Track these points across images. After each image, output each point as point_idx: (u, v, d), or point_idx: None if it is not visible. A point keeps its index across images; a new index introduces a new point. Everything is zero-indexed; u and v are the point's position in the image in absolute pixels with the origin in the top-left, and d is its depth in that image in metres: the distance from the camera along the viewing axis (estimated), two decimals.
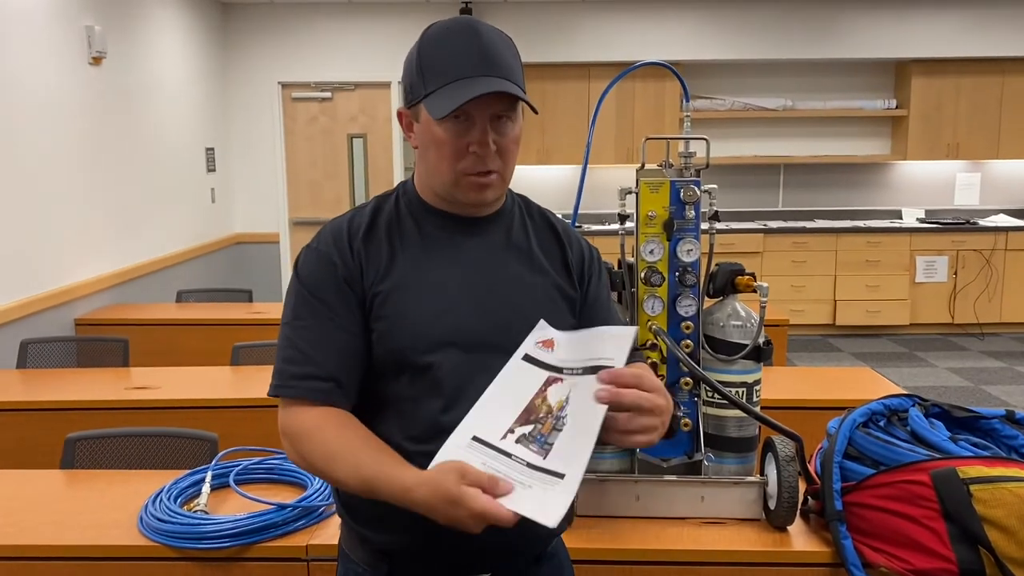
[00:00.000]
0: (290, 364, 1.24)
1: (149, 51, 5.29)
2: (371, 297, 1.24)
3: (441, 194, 1.29)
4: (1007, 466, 1.48)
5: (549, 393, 1.20)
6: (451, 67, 1.21)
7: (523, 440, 1.15)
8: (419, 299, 1.25)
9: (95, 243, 4.57)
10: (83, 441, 2.24)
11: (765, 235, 7.08)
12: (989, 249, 7.04)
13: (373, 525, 1.29)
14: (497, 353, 1.23)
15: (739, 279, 1.75)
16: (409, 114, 1.27)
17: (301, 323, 1.25)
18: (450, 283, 1.27)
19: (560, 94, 7.16)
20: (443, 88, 1.20)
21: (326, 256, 1.26)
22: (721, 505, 1.73)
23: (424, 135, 1.25)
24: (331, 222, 1.31)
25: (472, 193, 1.25)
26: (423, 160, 1.28)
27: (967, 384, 5.82)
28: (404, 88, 1.28)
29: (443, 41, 1.23)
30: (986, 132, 7.19)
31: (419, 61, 1.24)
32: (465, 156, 1.22)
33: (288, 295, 1.30)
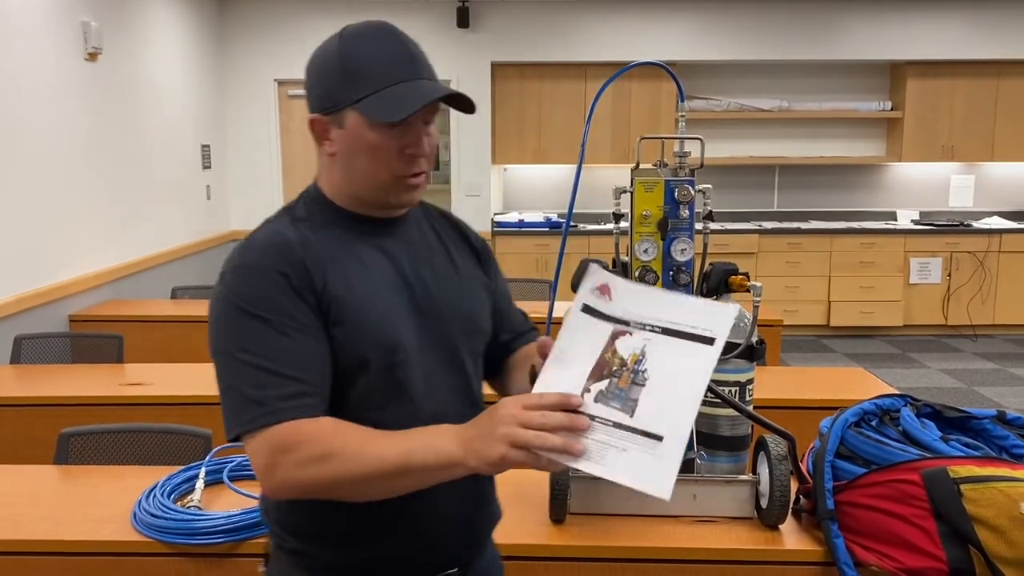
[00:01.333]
0: (267, 388, 1.13)
1: (145, 47, 5.28)
2: (326, 304, 1.19)
3: (368, 199, 1.26)
4: (997, 466, 1.49)
5: (618, 346, 1.10)
6: (385, 71, 1.20)
7: (601, 397, 1.04)
8: (371, 302, 1.23)
9: (90, 239, 4.56)
10: (77, 437, 2.24)
11: (760, 236, 7.10)
12: (983, 251, 7.06)
13: (319, 540, 1.25)
14: (442, 349, 1.28)
15: (733, 279, 1.76)
16: (327, 120, 1.23)
17: (258, 345, 1.14)
18: (391, 284, 1.26)
19: (556, 93, 7.16)
20: (381, 92, 1.19)
21: (269, 271, 1.17)
22: (713, 503, 1.74)
23: (352, 141, 1.22)
24: (255, 240, 1.21)
25: (405, 195, 1.26)
26: (347, 166, 1.24)
27: (960, 385, 5.84)
28: (317, 94, 1.23)
29: (369, 45, 1.21)
30: (981, 134, 7.21)
31: (344, 65, 1.20)
32: (400, 159, 1.23)
33: (223, 321, 1.17)
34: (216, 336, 1.18)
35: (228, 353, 1.16)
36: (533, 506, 1.80)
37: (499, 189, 7.62)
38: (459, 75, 6.99)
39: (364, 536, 1.25)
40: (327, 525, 1.25)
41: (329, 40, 1.25)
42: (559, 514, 1.71)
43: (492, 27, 6.96)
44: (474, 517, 1.33)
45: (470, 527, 1.33)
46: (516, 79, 7.16)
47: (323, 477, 1.10)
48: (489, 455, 1.03)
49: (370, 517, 1.23)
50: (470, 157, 7.09)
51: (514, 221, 7.21)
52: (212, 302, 1.20)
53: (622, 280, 1.16)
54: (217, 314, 1.18)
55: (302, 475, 1.11)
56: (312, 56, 1.26)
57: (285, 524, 1.28)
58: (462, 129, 7.06)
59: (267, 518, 1.31)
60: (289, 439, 1.12)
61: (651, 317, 1.11)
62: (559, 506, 1.70)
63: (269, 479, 1.13)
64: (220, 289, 1.19)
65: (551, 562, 1.65)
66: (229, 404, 1.15)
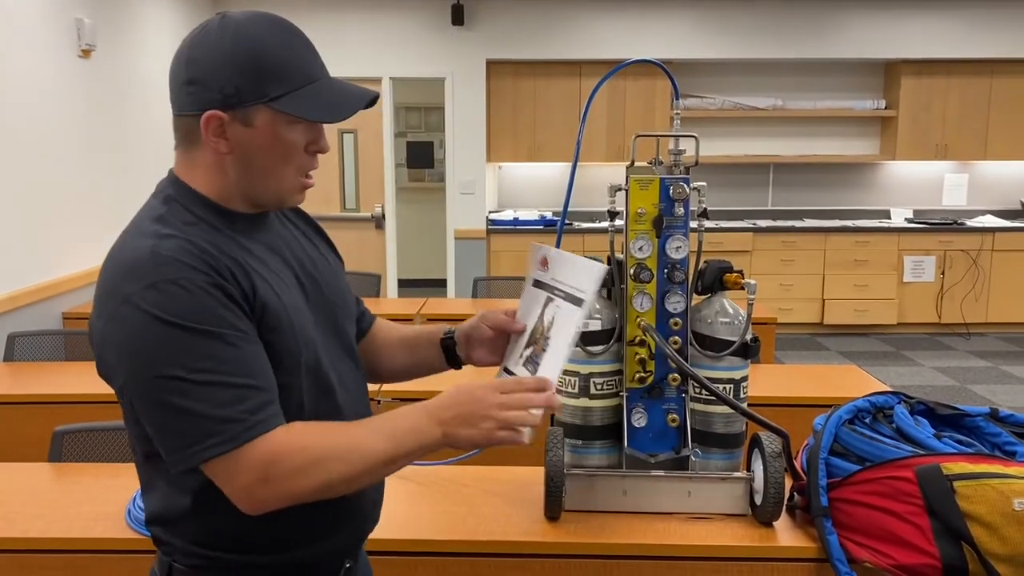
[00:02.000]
0: (236, 404, 1.08)
1: (139, 44, 5.27)
2: (259, 311, 1.15)
3: (262, 198, 1.21)
4: (990, 463, 1.50)
5: (545, 314, 1.33)
6: (299, 69, 1.15)
7: (527, 363, 1.30)
8: (289, 303, 1.20)
9: (84, 236, 4.55)
10: (71, 434, 2.24)
11: (754, 234, 7.11)
12: (976, 249, 7.09)
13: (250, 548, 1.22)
14: (338, 339, 1.30)
15: (727, 276, 1.76)
16: (226, 117, 1.14)
17: (213, 361, 1.08)
18: (289, 281, 1.23)
19: (551, 91, 7.16)
20: (300, 91, 1.14)
21: (199, 282, 1.09)
22: (708, 500, 1.74)
23: (262, 139, 1.15)
24: (159, 254, 1.10)
25: (299, 195, 1.23)
26: (246, 166, 1.17)
27: (953, 383, 5.86)
28: (216, 89, 1.13)
29: (273, 39, 1.14)
30: (974, 133, 7.24)
31: (255, 60, 1.12)
32: (305, 157, 1.20)
33: (157, 345, 1.07)
34: (147, 362, 1.07)
35: (175, 377, 1.07)
36: (528, 504, 1.80)
37: (494, 187, 7.62)
38: (454, 72, 6.98)
39: (300, 537, 1.24)
40: (262, 531, 1.19)
41: (212, 30, 1.15)
42: (554, 511, 1.72)
43: (487, 25, 6.96)
44: (378, 505, 1.38)
45: (375, 517, 1.37)
46: (511, 77, 7.16)
47: (317, 484, 1.11)
48: (475, 438, 1.15)
49: (309, 520, 1.22)
50: (465, 155, 7.09)
51: (509, 219, 7.21)
52: (122, 328, 1.08)
53: (555, 250, 1.36)
54: (144, 339, 1.07)
55: (294, 486, 1.10)
56: (196, 43, 1.15)
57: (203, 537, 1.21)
58: (457, 127, 7.05)
59: (172, 535, 1.22)
60: (275, 451, 1.09)
61: (564, 283, 1.32)
62: (554, 503, 1.70)
63: (258, 495, 1.10)
64: (136, 313, 1.07)
65: (546, 559, 1.66)
66: (190, 429, 1.07)
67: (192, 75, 1.15)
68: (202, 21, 1.22)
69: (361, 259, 7.13)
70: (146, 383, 1.09)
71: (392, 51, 6.95)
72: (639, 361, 1.74)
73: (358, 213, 7.26)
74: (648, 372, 1.74)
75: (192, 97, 1.15)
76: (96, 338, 1.15)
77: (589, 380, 1.76)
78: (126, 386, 1.12)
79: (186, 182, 1.21)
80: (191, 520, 1.20)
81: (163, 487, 1.21)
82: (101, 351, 1.14)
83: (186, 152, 1.21)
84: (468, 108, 7.02)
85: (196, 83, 1.15)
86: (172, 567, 1.24)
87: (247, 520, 1.14)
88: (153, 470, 1.21)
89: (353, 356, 1.35)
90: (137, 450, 1.23)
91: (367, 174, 7.22)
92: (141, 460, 1.23)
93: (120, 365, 1.11)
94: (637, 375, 1.74)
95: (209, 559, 1.22)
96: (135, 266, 1.10)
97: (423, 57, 6.97)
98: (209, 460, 1.09)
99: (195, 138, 1.18)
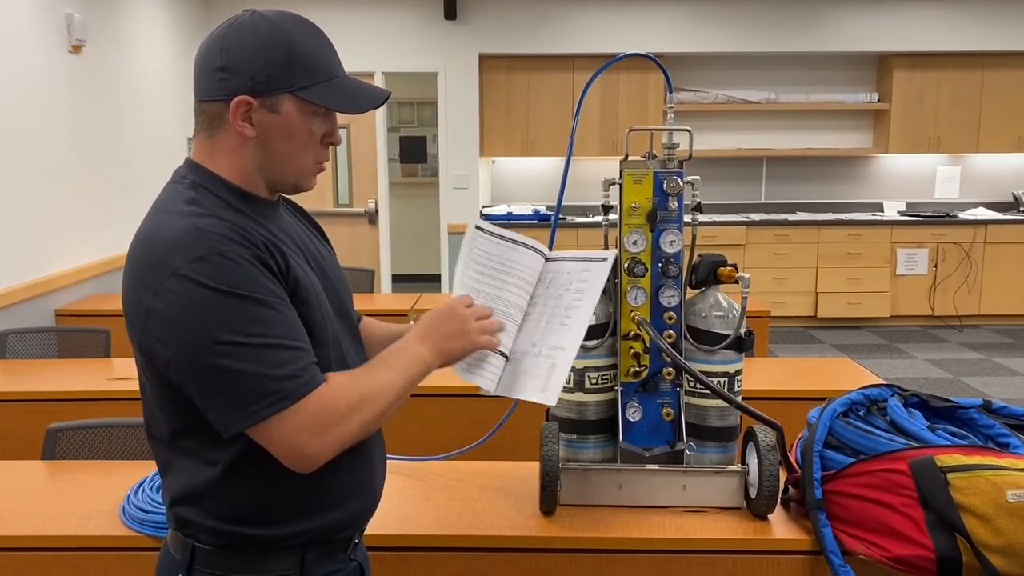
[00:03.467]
0: (291, 363, 1.16)
1: (130, 39, 5.24)
2: (292, 284, 1.22)
3: (280, 183, 1.28)
4: (984, 455, 1.51)
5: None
6: (325, 64, 1.25)
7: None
8: (314, 279, 1.29)
9: (76, 233, 4.53)
10: (65, 432, 2.23)
11: (748, 228, 7.12)
12: (968, 242, 7.11)
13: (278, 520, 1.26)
14: (346, 321, 1.38)
15: (721, 270, 1.76)
16: (255, 103, 1.21)
17: (265, 326, 1.15)
18: (312, 262, 1.32)
19: (544, 85, 7.16)
20: (326, 83, 1.24)
21: (242, 255, 1.16)
22: (703, 494, 1.75)
23: (285, 126, 1.23)
24: (202, 231, 1.16)
25: (312, 179, 1.32)
26: (268, 151, 1.24)
27: (946, 376, 5.88)
28: (249, 75, 1.20)
29: (305, 35, 1.24)
30: (966, 126, 7.25)
31: (288, 51, 1.21)
32: (320, 147, 1.29)
33: (210, 313, 1.13)
34: (203, 330, 1.13)
35: (231, 342, 1.13)
36: (522, 498, 1.80)
37: (487, 182, 7.62)
38: (446, 67, 6.97)
39: (320, 505, 1.29)
40: (285, 500, 1.26)
41: (246, 23, 1.22)
42: (549, 506, 1.72)
43: (479, 19, 6.95)
44: (383, 478, 1.44)
45: (380, 492, 1.43)
46: (504, 71, 7.15)
47: (360, 425, 1.22)
48: (460, 350, 1.38)
49: (329, 485, 1.29)
50: (458, 150, 7.08)
51: (503, 214, 7.21)
52: (174, 300, 1.13)
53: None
54: (198, 308, 1.13)
55: (345, 431, 1.20)
56: (230, 34, 1.22)
57: (229, 511, 1.25)
58: (450, 121, 7.04)
59: (198, 513, 1.25)
60: (326, 402, 1.18)
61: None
62: (549, 498, 1.70)
63: (314, 447, 1.17)
64: (188, 284, 1.13)
65: (541, 553, 1.66)
66: (249, 390, 1.14)
67: (225, 62, 1.22)
68: (195, 15, 1.22)
69: (355, 254, 7.12)
70: (203, 350, 1.13)
71: (385, 45, 6.93)
72: (634, 355, 1.74)
73: (351, 208, 7.25)
74: (643, 366, 1.74)
75: (224, 83, 1.22)
76: (140, 314, 1.18)
77: (584, 374, 1.76)
78: (176, 357, 1.15)
79: (208, 168, 1.26)
80: (219, 493, 1.24)
81: (189, 464, 1.25)
82: (149, 325, 1.17)
83: (209, 138, 1.26)
84: (461, 102, 7.01)
85: (228, 70, 1.21)
86: (195, 549, 1.27)
87: (273, 489, 1.23)
88: (178, 449, 1.25)
89: (357, 338, 1.43)
90: (162, 431, 1.26)
91: (360, 169, 7.21)
92: (166, 440, 1.27)
93: (171, 336, 1.15)
94: (632, 369, 1.74)
95: (234, 537, 1.25)
96: (180, 241, 1.15)
97: (416, 51, 6.95)
98: (268, 418, 1.15)
99: (220, 123, 1.24)
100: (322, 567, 1.31)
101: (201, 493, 1.25)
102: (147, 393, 1.27)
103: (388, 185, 7.22)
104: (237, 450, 1.21)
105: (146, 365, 1.23)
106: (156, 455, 1.31)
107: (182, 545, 1.28)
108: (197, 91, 1.26)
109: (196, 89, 1.26)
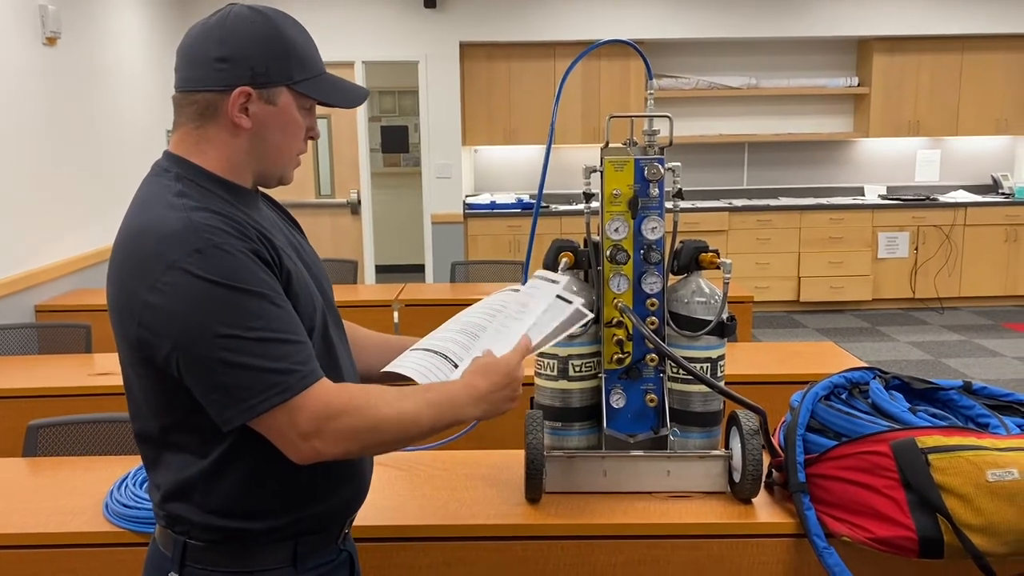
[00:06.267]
0: (289, 357, 1.16)
1: (106, 31, 5.18)
2: (285, 277, 1.23)
3: (266, 175, 1.30)
4: (964, 435, 1.52)
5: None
6: (315, 59, 1.28)
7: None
8: (305, 273, 1.30)
9: (55, 228, 4.49)
10: (46, 428, 2.21)
11: (730, 213, 7.14)
12: (949, 225, 7.16)
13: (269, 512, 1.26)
14: (332, 313, 1.37)
15: (703, 256, 1.77)
16: (254, 94, 1.22)
17: (264, 319, 1.15)
18: (296, 254, 1.32)
19: (525, 73, 7.14)
20: (318, 79, 1.27)
21: (239, 249, 1.16)
22: (687, 479, 1.75)
23: (279, 118, 1.25)
24: (197, 224, 1.15)
25: (292, 171, 1.34)
26: (260, 142, 1.25)
27: (928, 357, 5.94)
28: (250, 66, 1.21)
29: (296, 31, 1.26)
30: (945, 109, 7.29)
31: (285, 45, 1.23)
32: (303, 140, 1.31)
33: (210, 305, 1.12)
34: (203, 323, 1.12)
35: (232, 336, 1.13)
36: (508, 486, 1.81)
37: (470, 171, 7.60)
38: (427, 55, 6.94)
39: (309, 496, 1.29)
40: (276, 493, 1.27)
41: (244, 12, 1.23)
42: (534, 493, 1.72)
43: (459, 7, 6.91)
44: (372, 466, 1.44)
45: (370, 480, 1.43)
46: (484, 59, 7.12)
47: (369, 445, 1.22)
48: (504, 410, 1.33)
49: (319, 477, 1.29)
50: (440, 139, 7.05)
51: (486, 203, 7.19)
52: (172, 292, 1.13)
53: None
54: (197, 301, 1.12)
55: (351, 445, 1.20)
56: (226, 24, 1.22)
57: (220, 504, 1.24)
58: (431, 111, 7.01)
59: (188, 508, 1.25)
60: (331, 404, 1.18)
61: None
62: (534, 486, 1.70)
63: (314, 443, 1.17)
64: (185, 277, 1.12)
65: (527, 541, 1.66)
66: (250, 383, 1.13)
67: (225, 53, 1.21)
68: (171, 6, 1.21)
69: (337, 246, 7.09)
70: (203, 344, 1.13)
71: (364, 35, 6.88)
72: (617, 342, 1.74)
73: (333, 199, 7.21)
74: (626, 353, 1.75)
75: (223, 74, 1.21)
76: (135, 309, 1.16)
77: (568, 362, 1.76)
78: (175, 350, 1.14)
79: (191, 160, 1.25)
80: (209, 487, 1.23)
81: (179, 458, 1.24)
82: (145, 320, 1.16)
83: (198, 129, 1.25)
84: (442, 91, 6.98)
85: (228, 60, 1.21)
86: (187, 546, 1.26)
87: (263, 482, 1.24)
88: (168, 444, 1.24)
89: (341, 327, 1.43)
90: (151, 426, 1.25)
91: (341, 160, 7.17)
92: (155, 435, 1.25)
93: (171, 330, 1.14)
94: (615, 356, 1.75)
95: (226, 531, 1.25)
96: (174, 234, 1.14)
97: (396, 40, 6.91)
98: (269, 410, 1.15)
99: (214, 113, 1.23)
100: (314, 559, 1.31)
101: (191, 488, 1.24)
102: (134, 389, 1.25)
103: (370, 175, 7.19)
104: (227, 444, 1.21)
105: (138, 360, 1.20)
106: (143, 451, 1.29)
107: (173, 542, 1.27)
108: (185, 80, 1.24)
109: (184, 78, 1.24)
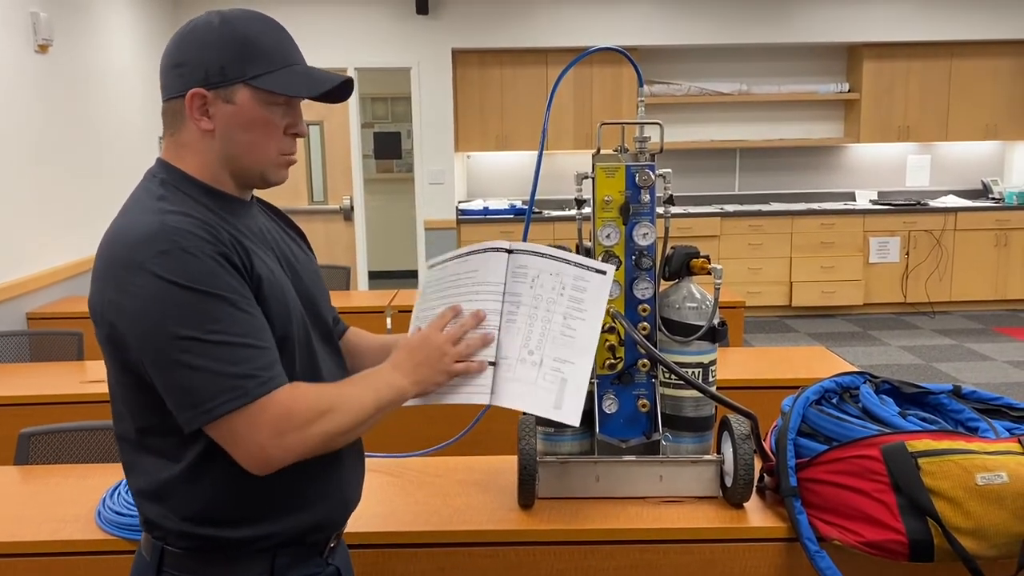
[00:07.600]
0: (249, 362, 1.15)
1: (98, 38, 5.18)
2: (255, 283, 1.21)
3: (245, 177, 1.27)
4: (953, 439, 1.53)
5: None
6: (279, 53, 1.24)
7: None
8: (281, 279, 1.27)
9: (47, 235, 4.48)
10: (38, 436, 2.21)
11: (722, 219, 7.16)
12: (939, 229, 7.20)
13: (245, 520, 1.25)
14: (321, 326, 1.36)
15: (694, 262, 1.78)
16: (210, 95, 1.21)
17: (225, 323, 1.14)
18: (276, 265, 1.30)
19: (518, 80, 7.15)
20: (279, 71, 1.23)
21: (206, 252, 1.15)
22: (679, 484, 1.76)
23: (242, 117, 1.23)
24: (167, 227, 1.15)
25: (283, 172, 1.30)
26: (229, 143, 1.24)
27: (919, 362, 5.96)
28: (204, 68, 1.20)
29: (258, 27, 1.24)
30: (936, 114, 7.34)
31: (241, 42, 1.21)
32: (284, 137, 1.27)
33: (171, 307, 1.12)
34: (164, 325, 1.12)
35: (191, 338, 1.12)
36: (501, 492, 1.81)
37: (463, 177, 7.60)
38: (419, 62, 6.95)
39: (288, 506, 1.28)
40: (253, 500, 1.25)
41: (204, 19, 1.24)
42: (527, 499, 1.72)
43: (452, 13, 6.93)
44: (360, 484, 1.43)
45: (358, 496, 1.42)
46: (477, 66, 7.14)
47: (322, 434, 1.20)
48: (434, 381, 1.36)
49: (298, 487, 1.27)
50: (433, 145, 7.06)
51: (479, 209, 7.20)
52: (136, 293, 1.13)
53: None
54: (159, 302, 1.12)
55: (306, 438, 1.18)
56: (186, 32, 1.23)
57: (195, 510, 1.23)
58: (424, 117, 7.02)
59: (163, 514, 1.24)
60: (287, 406, 1.17)
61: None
62: (527, 491, 1.71)
63: (270, 450, 1.16)
64: (150, 278, 1.12)
65: (520, 547, 1.66)
66: (207, 386, 1.13)
67: (180, 58, 1.23)
68: (163, 13, 1.23)
69: (330, 252, 7.09)
70: (164, 344, 1.13)
71: (357, 41, 6.89)
72: (609, 348, 1.75)
73: (326, 205, 7.21)
74: (618, 358, 1.75)
75: (180, 79, 1.22)
76: (105, 309, 1.18)
77: None
78: (140, 351, 1.15)
79: (176, 165, 1.26)
80: (183, 492, 1.23)
81: (155, 462, 1.23)
82: (113, 320, 1.17)
83: (173, 136, 1.27)
84: (435, 98, 6.99)
85: (183, 65, 1.22)
86: (164, 552, 1.26)
87: (238, 489, 1.22)
88: (143, 447, 1.24)
89: (332, 343, 1.41)
90: (128, 429, 1.25)
91: (334, 166, 7.17)
92: (133, 436, 1.25)
93: (134, 330, 1.15)
94: (607, 362, 1.75)
95: (202, 539, 1.24)
96: (145, 237, 1.15)
97: (388, 47, 6.92)
98: (225, 415, 1.14)
99: (181, 120, 1.24)
100: (295, 571, 1.30)
101: (167, 492, 1.23)
102: (114, 391, 1.26)
103: (363, 181, 7.20)
104: (200, 448, 1.20)
105: (113, 362, 1.22)
106: (122, 454, 1.29)
107: (152, 547, 1.28)
108: (161, 90, 1.27)
109: (161, 88, 1.27)
